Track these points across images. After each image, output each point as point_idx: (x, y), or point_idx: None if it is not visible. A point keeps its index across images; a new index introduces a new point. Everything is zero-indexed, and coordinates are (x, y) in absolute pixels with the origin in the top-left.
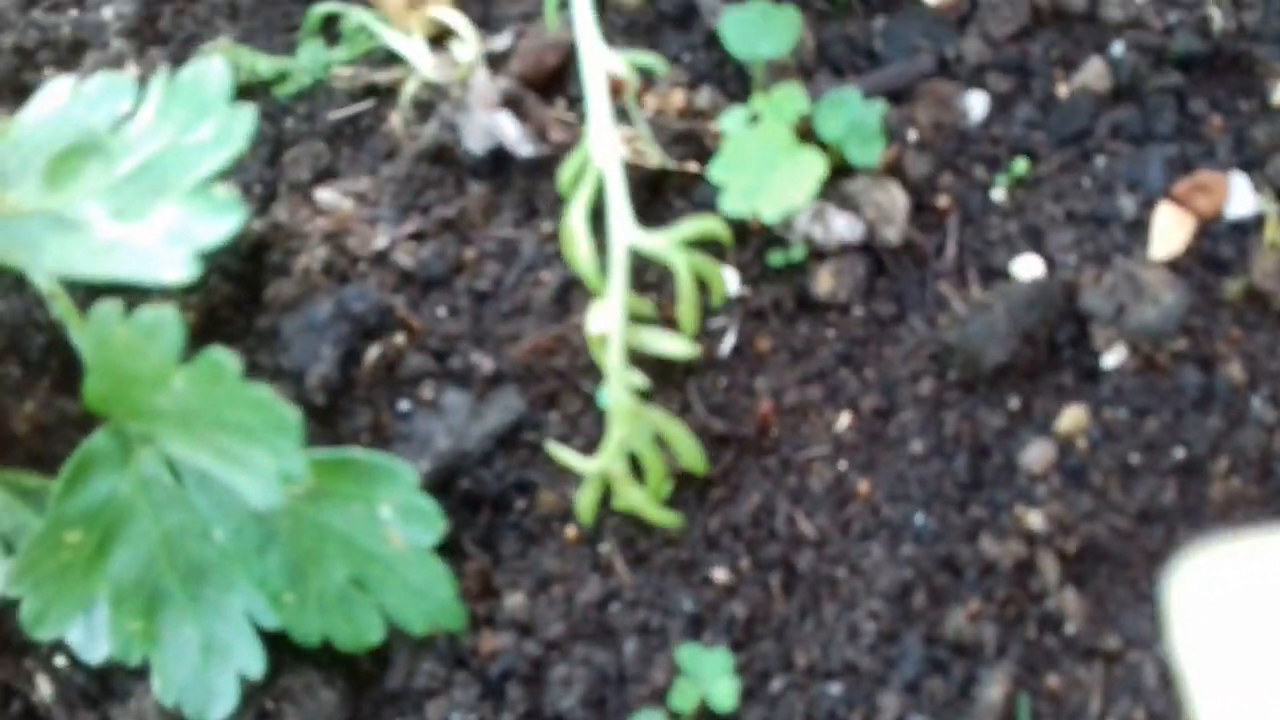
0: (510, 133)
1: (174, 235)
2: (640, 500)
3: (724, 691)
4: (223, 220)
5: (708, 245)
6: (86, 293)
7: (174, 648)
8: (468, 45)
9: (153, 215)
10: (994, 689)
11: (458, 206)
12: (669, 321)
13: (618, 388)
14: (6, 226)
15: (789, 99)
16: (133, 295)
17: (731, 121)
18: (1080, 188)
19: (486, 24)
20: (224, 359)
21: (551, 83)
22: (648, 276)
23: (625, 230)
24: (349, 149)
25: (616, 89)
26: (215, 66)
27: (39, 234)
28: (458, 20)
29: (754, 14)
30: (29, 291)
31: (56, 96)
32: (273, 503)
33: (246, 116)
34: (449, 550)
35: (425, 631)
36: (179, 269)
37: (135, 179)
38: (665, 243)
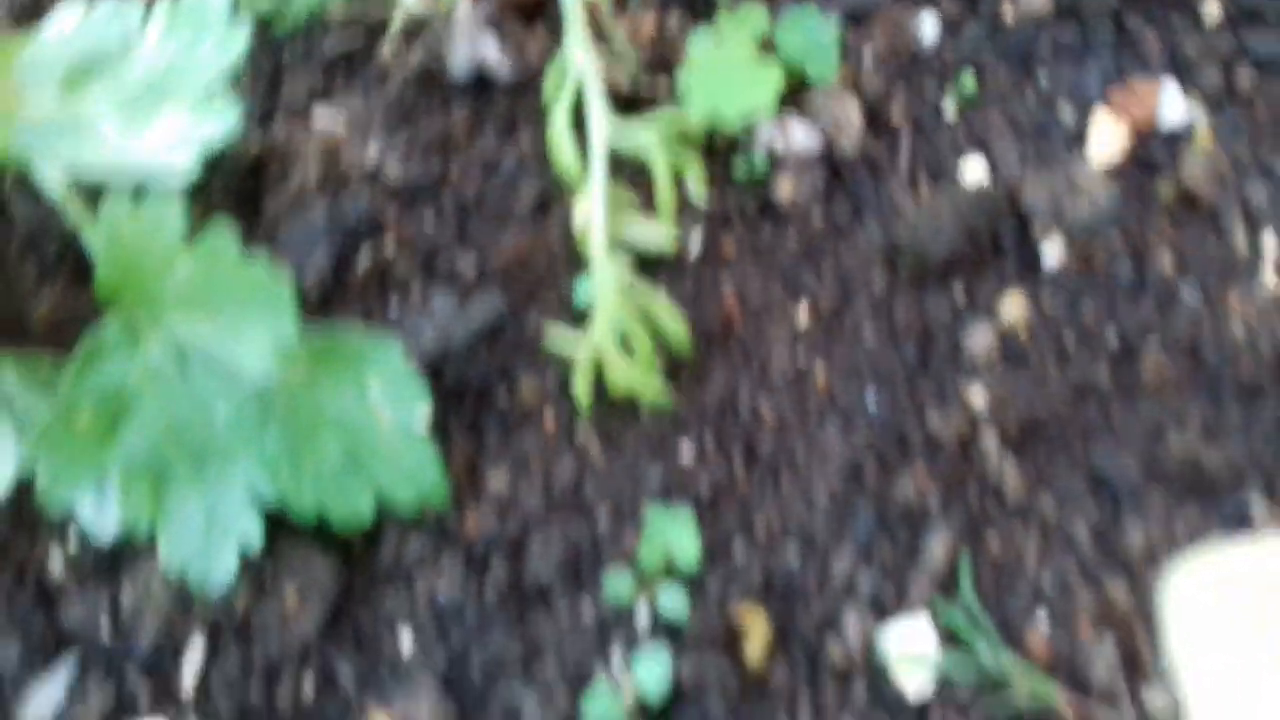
0: (491, 55)
1: (179, 138)
2: (634, 376)
3: (687, 547)
4: (222, 123)
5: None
6: (97, 198)
7: (179, 522)
8: None
9: (159, 121)
10: (938, 548)
11: (443, 125)
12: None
13: (604, 271)
14: (27, 133)
15: (750, 18)
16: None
17: (698, 43)
18: (1024, 100)
19: None
20: (223, 238)
21: (533, 11)
22: (626, 182)
23: (604, 126)
24: (342, 78)
25: (592, 14)
26: None
27: (56, 140)
28: None
29: None
30: (46, 200)
31: (69, 19)
32: (267, 372)
33: (243, 31)
34: (437, 437)
35: (414, 511)
36: (184, 167)
37: (143, 89)
38: (641, 137)
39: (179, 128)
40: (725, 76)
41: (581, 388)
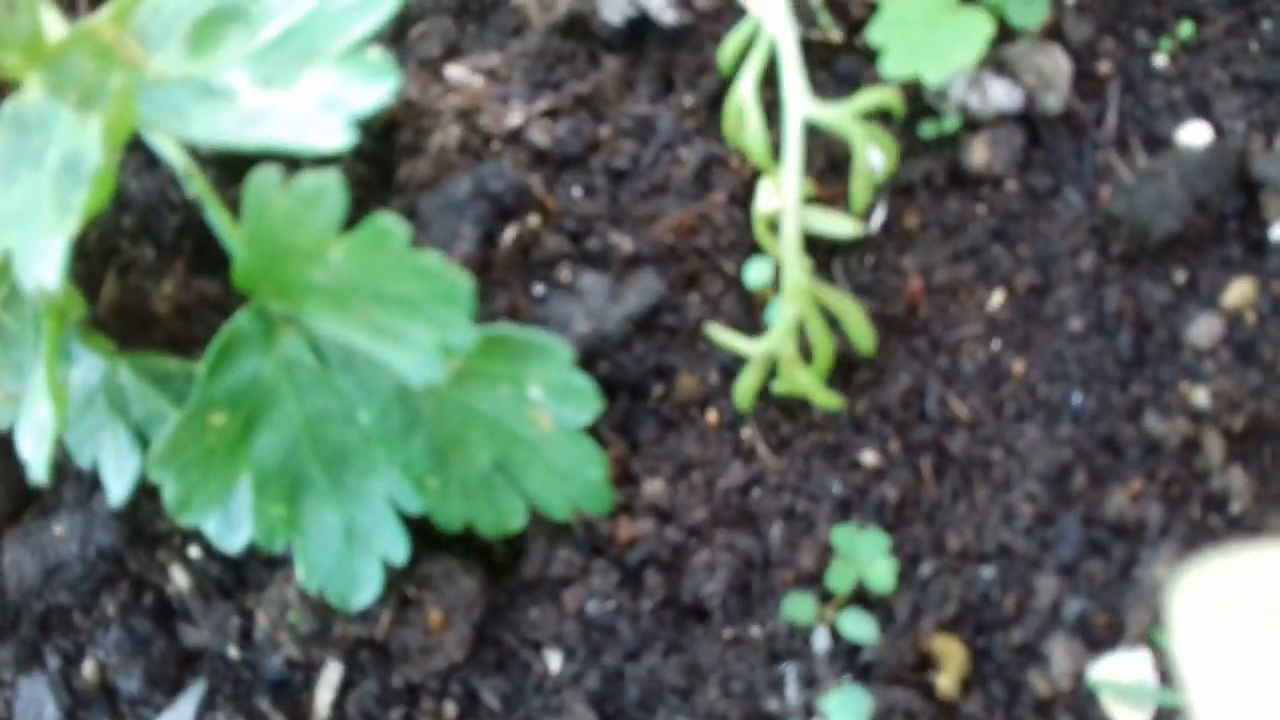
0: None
1: (327, 101)
2: (807, 382)
3: (881, 572)
4: (378, 85)
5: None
6: (219, 171)
7: (317, 533)
8: None
9: (302, 81)
10: (1157, 569)
11: (592, 82)
12: (823, 200)
13: (794, 266)
14: (152, 94)
15: None
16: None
17: None
18: (1248, 51)
19: None
20: (392, 225)
21: None
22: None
23: (801, 102)
24: (475, 25)
25: None
26: None
27: (184, 102)
28: None
29: None
30: (161, 170)
31: None
32: (433, 378)
33: None
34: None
35: (567, 516)
36: (335, 135)
37: (281, 45)
38: (841, 115)
39: (326, 89)
40: (925, 27)
41: (745, 390)
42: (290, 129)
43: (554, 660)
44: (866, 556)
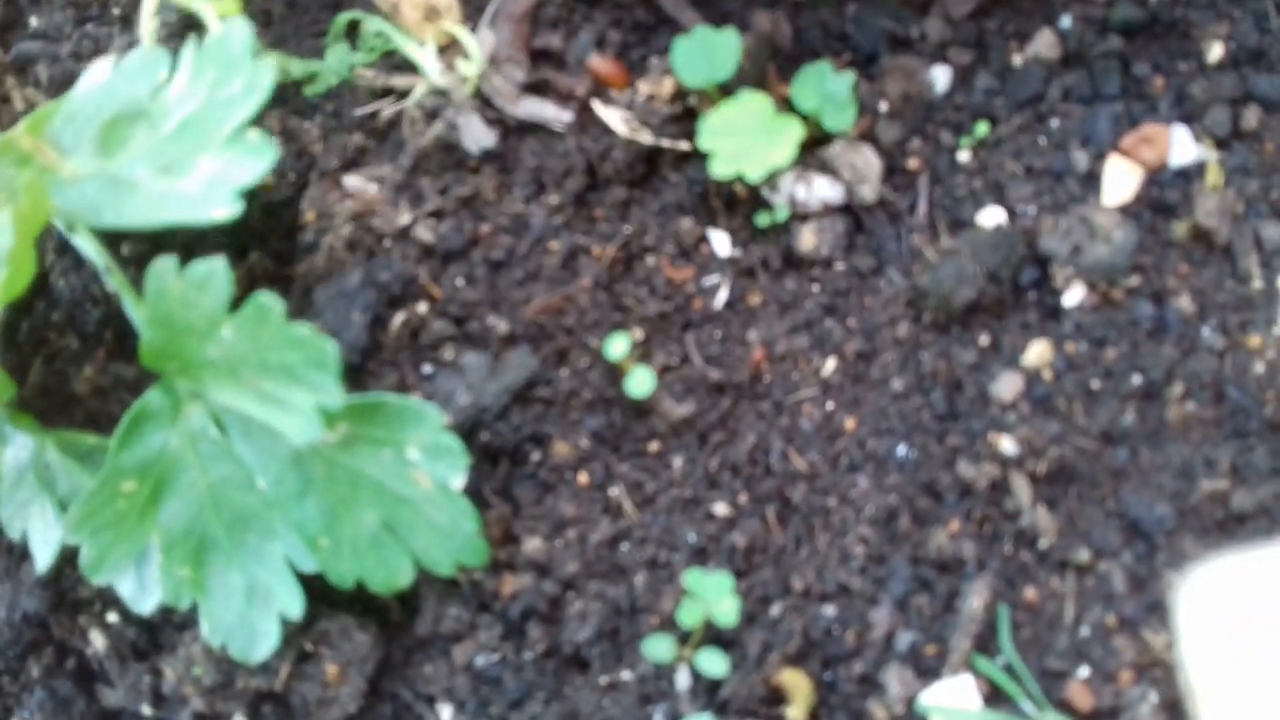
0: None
1: (216, 180)
2: None
3: (727, 609)
4: (259, 161)
5: (699, 211)
6: (136, 268)
7: (220, 592)
8: (473, 61)
9: (195, 166)
10: (975, 601)
11: (472, 185)
12: None
13: None
14: (68, 191)
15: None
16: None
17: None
18: (1037, 146)
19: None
20: (269, 301)
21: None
22: None
23: None
24: (373, 140)
25: (616, 79)
26: (238, 27)
27: (96, 195)
28: (466, 37)
29: (697, 43)
30: (85, 270)
31: (100, 73)
32: (312, 439)
33: (269, 68)
34: (471, 500)
35: (451, 572)
36: (224, 208)
37: (177, 136)
38: None
39: (215, 171)
40: (746, 135)
41: None
42: (186, 208)
43: (445, 712)
44: (714, 596)
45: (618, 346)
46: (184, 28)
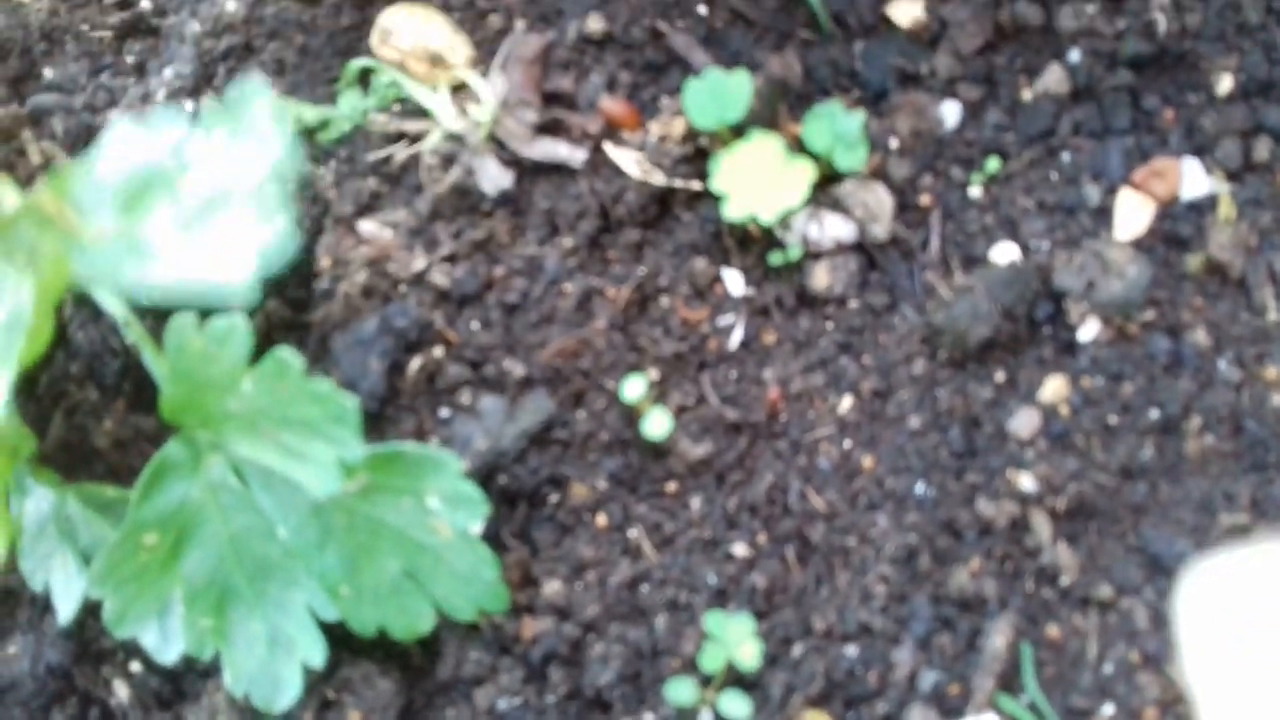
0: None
1: (237, 238)
2: None
3: (749, 653)
4: (277, 223)
5: (712, 251)
6: (155, 320)
7: (242, 642)
8: (485, 106)
9: (216, 223)
10: (998, 639)
11: (486, 229)
12: None
13: None
14: (89, 255)
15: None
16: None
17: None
18: (1048, 180)
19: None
20: (288, 357)
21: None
22: None
23: None
24: (387, 185)
25: (627, 120)
26: (256, 82)
27: (116, 258)
28: (477, 81)
29: (708, 85)
30: (104, 321)
31: (122, 132)
32: (333, 491)
33: (286, 128)
34: (490, 544)
35: (472, 618)
36: (246, 269)
37: (196, 199)
38: None
39: (234, 233)
40: (759, 177)
41: None
42: (208, 268)
43: None
44: (735, 639)
45: (634, 388)
46: (199, 81)
